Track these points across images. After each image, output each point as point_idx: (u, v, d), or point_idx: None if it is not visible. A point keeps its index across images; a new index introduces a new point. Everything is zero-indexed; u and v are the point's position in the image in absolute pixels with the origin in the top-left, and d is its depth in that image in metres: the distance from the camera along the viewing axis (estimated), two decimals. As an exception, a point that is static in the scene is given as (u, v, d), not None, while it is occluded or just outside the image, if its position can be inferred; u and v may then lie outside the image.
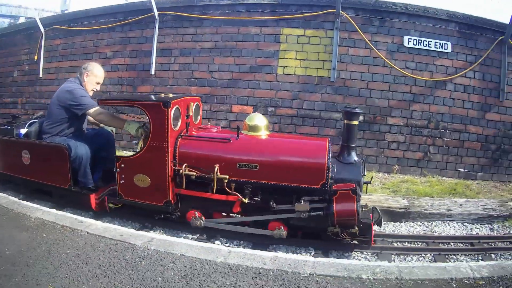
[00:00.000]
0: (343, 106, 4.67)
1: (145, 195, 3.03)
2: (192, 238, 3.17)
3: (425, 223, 3.93)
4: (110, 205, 3.23)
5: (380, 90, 5.24)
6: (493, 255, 3.38)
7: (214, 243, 2.98)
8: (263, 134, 3.00)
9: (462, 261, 3.12)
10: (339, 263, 2.43)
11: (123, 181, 3.05)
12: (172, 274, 2.16)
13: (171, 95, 3.25)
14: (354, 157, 2.95)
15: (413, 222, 3.92)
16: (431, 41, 5.27)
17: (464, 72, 5.32)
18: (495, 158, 5.42)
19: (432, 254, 3.21)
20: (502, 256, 3.41)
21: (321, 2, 5.24)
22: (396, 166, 5.31)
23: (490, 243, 3.62)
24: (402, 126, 5.29)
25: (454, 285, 2.28)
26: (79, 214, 3.27)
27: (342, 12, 5.13)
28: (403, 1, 5.40)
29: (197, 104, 3.44)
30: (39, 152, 3.45)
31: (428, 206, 4.02)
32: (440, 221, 3.97)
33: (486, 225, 4.04)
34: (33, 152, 3.47)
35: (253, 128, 2.97)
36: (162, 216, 3.29)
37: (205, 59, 5.23)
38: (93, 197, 3.23)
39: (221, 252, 2.42)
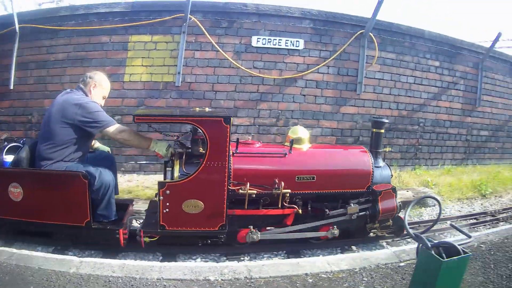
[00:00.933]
0: (371, 117, 4.70)
1: (196, 222, 2.78)
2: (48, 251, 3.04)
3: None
4: (146, 239, 2.83)
5: (226, 92, 5.39)
6: (354, 247, 3.36)
7: (67, 255, 2.92)
8: (306, 146, 3.20)
9: (319, 255, 3.12)
10: (185, 266, 2.46)
11: (167, 209, 2.73)
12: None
13: (207, 109, 3.16)
14: (381, 161, 3.39)
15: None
16: (281, 40, 5.34)
17: (316, 68, 5.44)
18: None
19: (285, 251, 3.21)
20: (365, 247, 3.45)
21: (170, 7, 5.28)
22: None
23: (348, 236, 3.64)
24: (249, 125, 5.47)
25: (310, 280, 2.34)
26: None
27: (191, 16, 5.18)
28: (266, 2, 5.52)
29: None
30: (35, 184, 2.78)
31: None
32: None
33: None
34: (26, 185, 2.75)
35: (298, 141, 3.13)
36: (208, 241, 3.12)
37: (58, 71, 5.39)
38: (121, 232, 2.80)
39: (73, 262, 2.45)
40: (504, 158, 7.67)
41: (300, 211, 2.99)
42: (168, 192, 2.70)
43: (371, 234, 3.47)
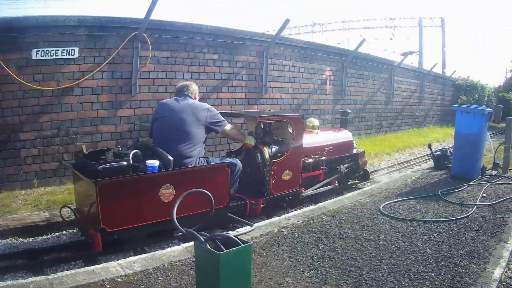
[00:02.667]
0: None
1: (287, 186, 5.69)
2: None
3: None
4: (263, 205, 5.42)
5: (11, 108, 6.68)
6: (146, 248, 4.76)
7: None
8: (318, 131, 7.00)
9: (113, 260, 4.02)
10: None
11: (275, 180, 5.47)
12: None
13: (272, 110, 7.34)
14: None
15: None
16: (58, 50, 6.91)
17: (91, 74, 7.13)
18: None
19: (81, 260, 4.43)
20: (158, 247, 4.79)
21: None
22: (36, 180, 6.97)
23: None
24: (34, 139, 6.88)
25: (108, 286, 3.11)
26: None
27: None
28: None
29: None
30: (187, 181, 4.38)
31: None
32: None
33: None
34: (179, 183, 4.31)
35: (315, 128, 6.99)
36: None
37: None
38: (248, 204, 5.30)
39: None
40: None
41: (326, 170, 6.63)
42: (275, 168, 5.43)
43: (349, 182, 7.74)
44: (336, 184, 6.96)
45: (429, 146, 9.55)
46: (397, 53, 27.76)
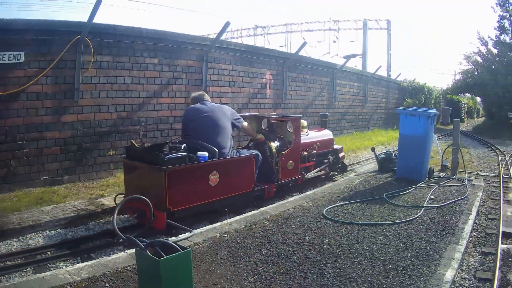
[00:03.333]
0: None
1: (291, 174, 7.96)
2: None
3: (21, 238, 5.81)
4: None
5: None
6: (92, 255, 5.32)
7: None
8: (307, 129, 9.18)
9: (62, 268, 4.53)
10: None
11: (282, 169, 7.67)
12: None
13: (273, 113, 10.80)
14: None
15: (9, 239, 5.75)
16: (5, 54, 7.70)
17: (36, 79, 8.00)
18: (78, 159, 8.65)
19: (32, 267, 4.91)
20: (103, 253, 5.35)
21: None
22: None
23: (88, 243, 5.69)
24: None
25: None
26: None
27: None
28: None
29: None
30: (227, 168, 6.43)
31: (18, 221, 6.03)
32: (33, 233, 5.98)
33: (81, 227, 6.36)
34: (222, 170, 6.24)
35: (304, 127, 8.95)
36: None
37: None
38: (266, 189, 7.45)
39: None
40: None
41: (315, 162, 8.94)
42: (283, 158, 7.64)
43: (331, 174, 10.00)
44: (328, 170, 9.54)
45: (373, 149, 10.85)
46: (341, 56, 30.33)
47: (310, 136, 9.17)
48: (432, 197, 7.46)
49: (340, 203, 6.85)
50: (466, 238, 5.51)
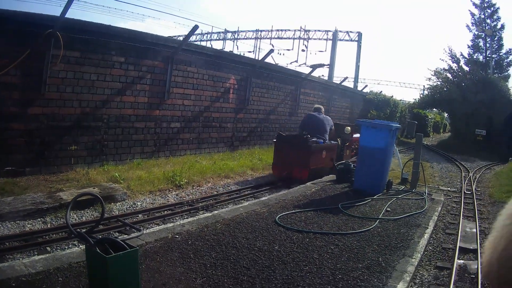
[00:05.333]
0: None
1: (348, 158, 14.12)
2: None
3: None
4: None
5: None
6: (48, 248, 5.68)
7: None
8: (351, 133, 14.39)
9: (18, 259, 4.79)
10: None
11: (345, 154, 14.06)
12: None
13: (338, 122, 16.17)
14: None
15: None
16: None
17: (6, 70, 8.75)
18: (41, 152, 9.46)
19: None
20: (58, 247, 5.74)
21: None
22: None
23: (44, 237, 6.09)
24: None
25: (14, 284, 3.72)
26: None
27: None
28: None
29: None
30: (328, 149, 12.60)
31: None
32: (-7, 223, 6.14)
33: (39, 219, 6.78)
34: (327, 150, 12.48)
35: (348, 131, 14.25)
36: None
37: None
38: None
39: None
40: (202, 148, 13.72)
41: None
42: (345, 148, 13.80)
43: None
44: None
45: (332, 159, 12.14)
46: (308, 65, 31.98)
47: (354, 136, 13.85)
48: (388, 209, 7.84)
49: (293, 211, 7.19)
50: (421, 252, 5.81)
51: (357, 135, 12.54)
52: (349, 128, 14.02)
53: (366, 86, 32.59)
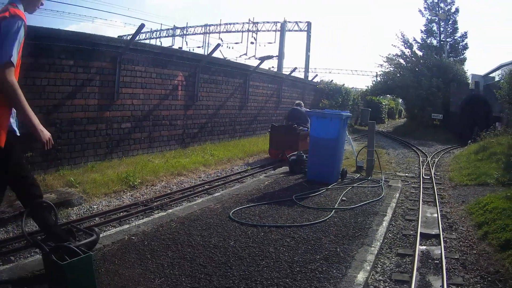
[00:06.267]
0: None
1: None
2: None
3: None
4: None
5: None
6: (12, 257, 5.78)
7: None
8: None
9: None
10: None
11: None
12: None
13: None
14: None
15: None
16: None
17: None
18: None
19: None
20: (22, 256, 5.83)
21: None
22: None
23: (8, 246, 6.20)
24: None
25: None
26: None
27: None
28: None
29: None
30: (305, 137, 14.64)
31: None
32: None
33: (1, 229, 6.87)
34: (306, 137, 13.81)
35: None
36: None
37: None
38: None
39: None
40: (153, 147, 14.47)
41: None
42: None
43: None
44: None
45: (283, 151, 12.90)
46: (257, 58, 32.89)
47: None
48: (344, 198, 8.03)
49: (247, 205, 7.36)
50: (380, 240, 5.97)
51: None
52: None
53: (316, 75, 33.66)
